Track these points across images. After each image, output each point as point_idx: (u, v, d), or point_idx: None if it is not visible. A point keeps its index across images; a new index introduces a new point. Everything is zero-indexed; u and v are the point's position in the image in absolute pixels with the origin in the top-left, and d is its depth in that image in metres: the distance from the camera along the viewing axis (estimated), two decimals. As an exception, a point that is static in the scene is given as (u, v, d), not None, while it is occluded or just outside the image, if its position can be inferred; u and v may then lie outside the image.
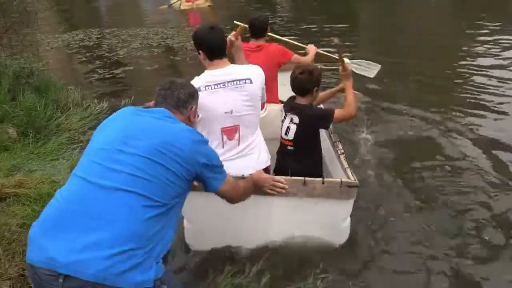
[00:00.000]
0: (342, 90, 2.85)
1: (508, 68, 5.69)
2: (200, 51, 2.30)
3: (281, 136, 2.73)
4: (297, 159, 2.67)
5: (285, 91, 3.13)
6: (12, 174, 3.31)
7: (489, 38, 7.21)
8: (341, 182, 2.27)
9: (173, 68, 7.26)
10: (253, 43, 3.33)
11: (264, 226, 2.45)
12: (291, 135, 2.65)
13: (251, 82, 2.30)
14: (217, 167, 1.70)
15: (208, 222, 2.42)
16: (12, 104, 4.38)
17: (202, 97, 2.12)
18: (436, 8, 11.70)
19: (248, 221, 2.40)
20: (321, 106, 3.13)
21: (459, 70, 5.85)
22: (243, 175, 2.23)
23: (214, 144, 2.31)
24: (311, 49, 3.62)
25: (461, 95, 4.97)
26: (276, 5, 14.54)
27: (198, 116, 1.98)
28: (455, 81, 5.44)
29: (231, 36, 2.59)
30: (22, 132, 4.07)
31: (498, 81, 5.23)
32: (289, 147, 2.69)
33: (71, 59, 8.82)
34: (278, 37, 3.63)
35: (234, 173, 2.12)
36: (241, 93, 2.28)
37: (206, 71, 2.31)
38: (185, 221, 2.47)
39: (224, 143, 2.34)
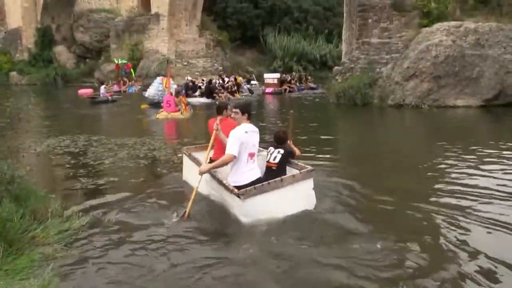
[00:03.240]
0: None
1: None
2: (240, 112, 4.98)
3: (268, 161, 5.40)
4: (278, 175, 5.06)
5: None
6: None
7: (456, 159, 7.44)
8: (307, 170, 5.06)
9: (159, 181, 7.03)
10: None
11: (285, 203, 4.82)
12: (277, 160, 5.33)
13: (257, 133, 5.10)
14: None
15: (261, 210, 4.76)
16: (-12, 214, 4.18)
17: (246, 136, 4.86)
18: (411, 133, 12.47)
19: (276, 204, 4.79)
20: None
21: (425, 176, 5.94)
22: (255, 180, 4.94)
23: (244, 160, 4.89)
24: None
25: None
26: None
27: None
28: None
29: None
30: (-7, 245, 3.82)
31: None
32: (273, 168, 5.31)
33: (55, 165, 8.73)
34: None
35: (256, 178, 4.96)
36: (256, 136, 5.08)
37: (243, 124, 4.96)
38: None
39: (248, 160, 4.92)
